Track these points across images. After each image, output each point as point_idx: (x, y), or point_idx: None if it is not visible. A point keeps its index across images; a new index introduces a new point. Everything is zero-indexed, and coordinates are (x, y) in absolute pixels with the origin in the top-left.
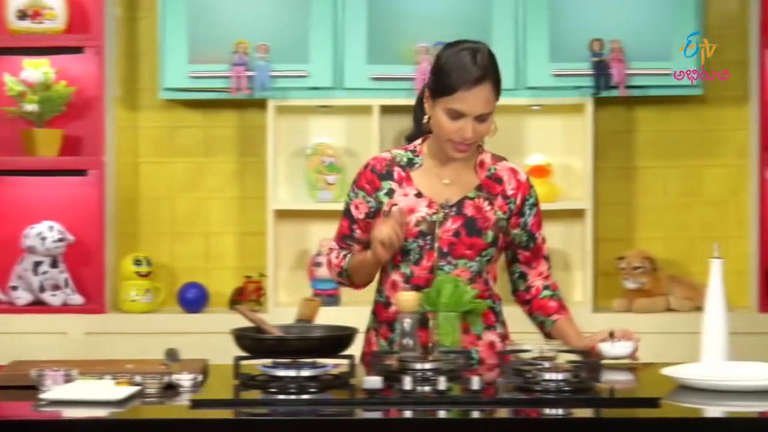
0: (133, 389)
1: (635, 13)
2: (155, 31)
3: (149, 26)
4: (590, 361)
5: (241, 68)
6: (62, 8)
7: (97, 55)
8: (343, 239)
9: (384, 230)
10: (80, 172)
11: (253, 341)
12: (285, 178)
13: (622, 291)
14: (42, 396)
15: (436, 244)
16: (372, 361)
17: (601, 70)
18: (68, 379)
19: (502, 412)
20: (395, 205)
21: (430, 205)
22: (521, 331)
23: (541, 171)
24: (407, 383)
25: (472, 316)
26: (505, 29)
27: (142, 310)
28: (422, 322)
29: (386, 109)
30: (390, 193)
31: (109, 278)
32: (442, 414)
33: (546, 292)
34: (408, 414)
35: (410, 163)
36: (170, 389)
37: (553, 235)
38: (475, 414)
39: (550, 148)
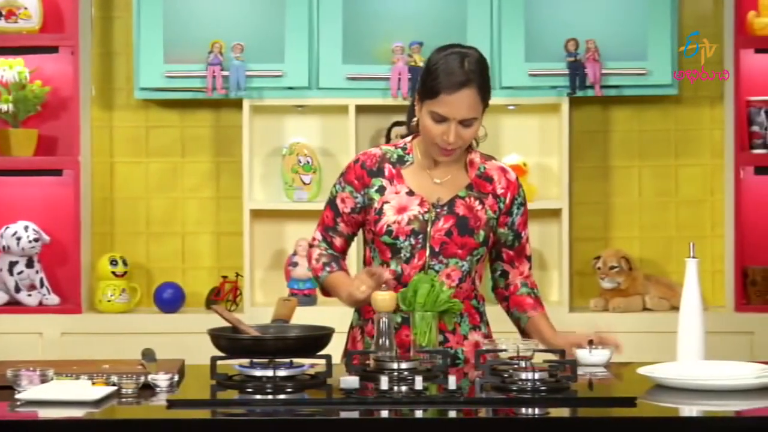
0: (110, 389)
1: (610, 13)
2: (130, 30)
3: (124, 26)
4: (566, 361)
5: (217, 68)
6: (37, 8)
7: (72, 54)
8: (327, 230)
9: (361, 289)
10: (55, 172)
11: (229, 341)
12: (261, 177)
13: (599, 290)
14: (18, 396)
15: (428, 243)
16: (345, 361)
17: (576, 70)
18: (44, 380)
19: (479, 412)
20: (387, 203)
21: (421, 203)
22: (504, 330)
23: (517, 170)
24: (384, 383)
25: (448, 316)
26: (481, 29)
27: (118, 310)
28: (407, 322)
29: (362, 109)
30: (381, 190)
31: (85, 278)
32: (419, 414)
33: (524, 290)
34: (385, 414)
35: (401, 161)
36: (147, 389)
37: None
38: (452, 414)
39: (525, 147)
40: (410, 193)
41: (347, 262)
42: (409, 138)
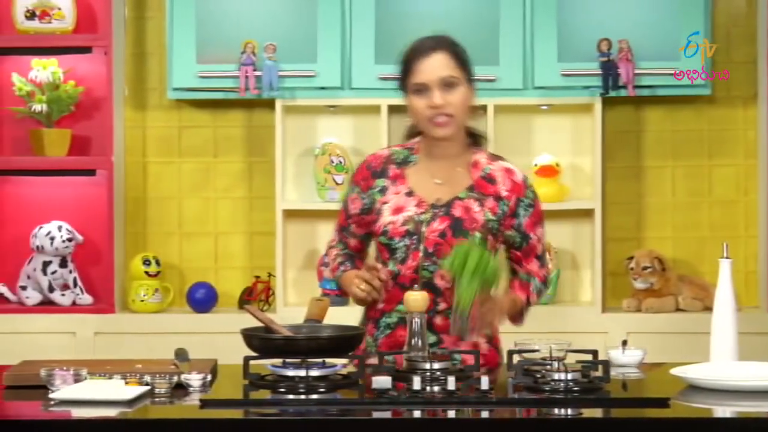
0: (143, 389)
1: (643, 13)
2: (163, 31)
3: (157, 26)
4: (599, 361)
5: (249, 68)
6: (70, 8)
7: (105, 55)
8: (342, 231)
9: (361, 287)
10: (89, 172)
11: (262, 341)
12: (293, 177)
13: (632, 291)
14: (51, 396)
15: (422, 245)
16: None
17: (609, 70)
18: (78, 379)
19: (512, 413)
20: (385, 203)
21: (419, 204)
22: (535, 331)
23: (549, 171)
24: (416, 383)
25: (489, 285)
26: (513, 29)
27: (151, 310)
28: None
29: (394, 109)
30: (383, 190)
31: (118, 278)
32: (451, 414)
33: (522, 275)
34: (417, 414)
35: (406, 161)
36: (180, 389)
37: (561, 235)
38: (485, 414)
39: (558, 147)
40: (409, 193)
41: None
42: (417, 138)
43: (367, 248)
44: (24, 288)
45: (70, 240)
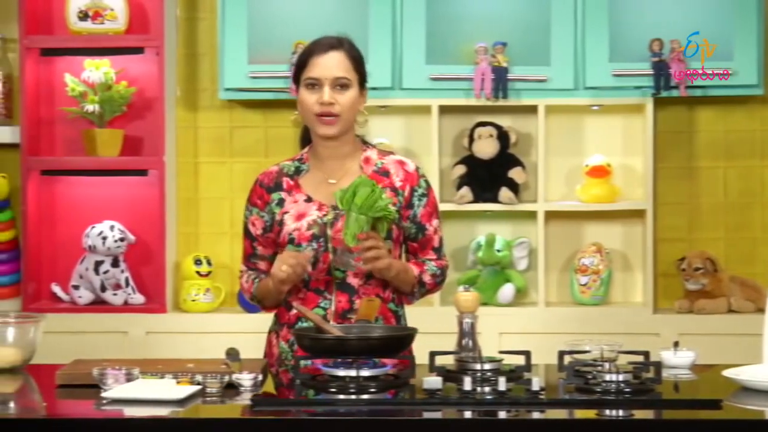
0: (194, 388)
1: (695, 13)
2: (215, 31)
3: (209, 27)
4: (651, 362)
5: None
6: (123, 9)
7: (157, 55)
8: (249, 259)
9: (282, 268)
10: (141, 172)
11: (313, 341)
12: None
13: (683, 292)
14: (104, 394)
15: (330, 245)
16: (429, 361)
17: (661, 70)
18: (130, 378)
19: (563, 413)
20: (286, 213)
21: (320, 208)
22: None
23: (600, 171)
24: (467, 383)
25: (381, 223)
26: (565, 29)
27: (202, 310)
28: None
29: (445, 109)
30: (281, 202)
31: (170, 278)
32: (502, 414)
33: (419, 259)
34: (468, 414)
35: (297, 171)
36: (231, 389)
37: (612, 236)
38: (536, 415)
39: (609, 148)
40: (308, 199)
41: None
42: (305, 149)
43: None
44: (76, 288)
45: (122, 240)
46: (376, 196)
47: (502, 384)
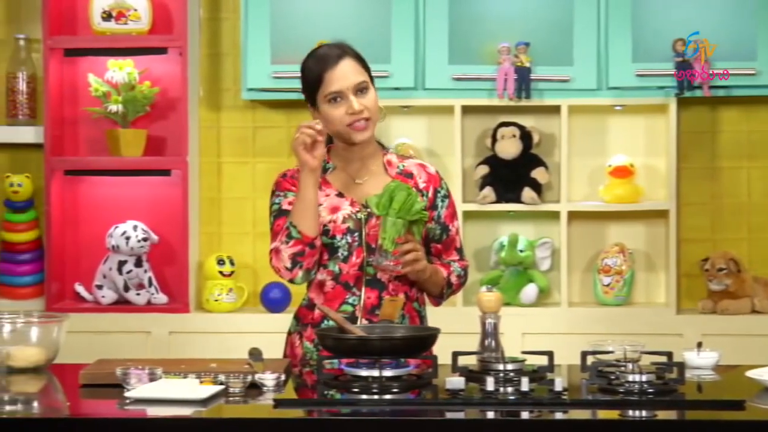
0: (217, 388)
1: (719, 13)
2: (238, 31)
3: (232, 27)
4: (674, 363)
5: None
6: (146, 9)
7: (180, 55)
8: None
9: (299, 136)
10: (164, 172)
11: (335, 341)
12: None
13: (707, 292)
14: (127, 394)
15: (364, 241)
16: (452, 361)
17: (684, 70)
18: (153, 378)
19: (586, 414)
20: (320, 204)
21: (352, 204)
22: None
23: (623, 171)
24: (490, 384)
25: (416, 226)
26: (588, 29)
27: (225, 310)
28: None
29: (468, 110)
30: None
31: (193, 278)
32: (525, 415)
33: (443, 261)
34: (491, 415)
35: (324, 169)
36: (254, 389)
37: (636, 236)
38: (559, 415)
39: (632, 148)
40: (339, 194)
41: None
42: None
43: None
44: (100, 287)
45: (145, 240)
46: (412, 200)
47: (525, 384)
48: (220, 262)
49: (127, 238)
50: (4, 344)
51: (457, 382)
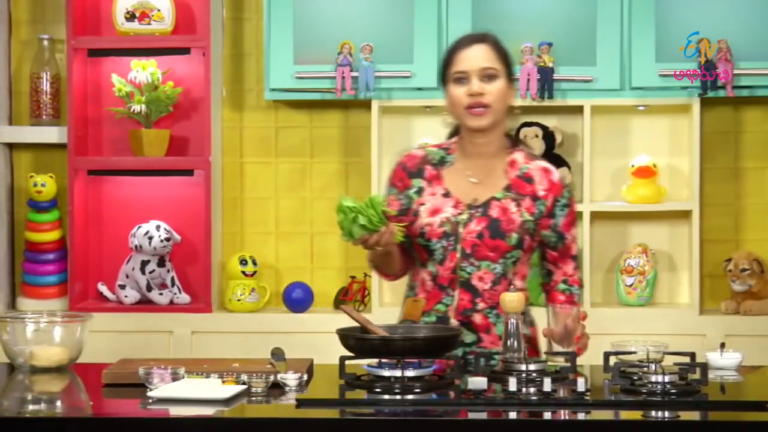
0: (239, 388)
1: (742, 13)
2: (261, 32)
3: (255, 27)
4: (697, 363)
5: (346, 69)
6: (169, 10)
7: (203, 56)
8: None
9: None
10: (187, 172)
11: (358, 341)
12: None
13: (730, 293)
14: (149, 394)
15: (459, 246)
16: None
17: (707, 70)
18: (175, 378)
19: (608, 414)
20: (423, 205)
21: (456, 205)
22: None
23: (646, 171)
24: (512, 384)
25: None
26: (611, 29)
27: (247, 310)
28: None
29: None
30: (419, 191)
31: (215, 278)
32: (547, 415)
33: (561, 286)
34: (513, 415)
35: (442, 162)
36: (276, 388)
37: (658, 236)
38: (581, 416)
39: (655, 148)
40: (446, 194)
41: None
42: (454, 138)
43: (409, 249)
44: (122, 287)
45: (168, 239)
46: (356, 213)
47: (548, 385)
48: (243, 262)
49: (150, 238)
50: (28, 344)
51: (479, 382)
